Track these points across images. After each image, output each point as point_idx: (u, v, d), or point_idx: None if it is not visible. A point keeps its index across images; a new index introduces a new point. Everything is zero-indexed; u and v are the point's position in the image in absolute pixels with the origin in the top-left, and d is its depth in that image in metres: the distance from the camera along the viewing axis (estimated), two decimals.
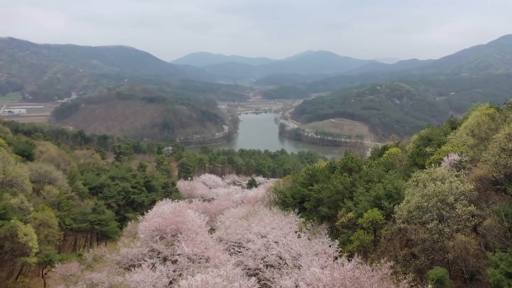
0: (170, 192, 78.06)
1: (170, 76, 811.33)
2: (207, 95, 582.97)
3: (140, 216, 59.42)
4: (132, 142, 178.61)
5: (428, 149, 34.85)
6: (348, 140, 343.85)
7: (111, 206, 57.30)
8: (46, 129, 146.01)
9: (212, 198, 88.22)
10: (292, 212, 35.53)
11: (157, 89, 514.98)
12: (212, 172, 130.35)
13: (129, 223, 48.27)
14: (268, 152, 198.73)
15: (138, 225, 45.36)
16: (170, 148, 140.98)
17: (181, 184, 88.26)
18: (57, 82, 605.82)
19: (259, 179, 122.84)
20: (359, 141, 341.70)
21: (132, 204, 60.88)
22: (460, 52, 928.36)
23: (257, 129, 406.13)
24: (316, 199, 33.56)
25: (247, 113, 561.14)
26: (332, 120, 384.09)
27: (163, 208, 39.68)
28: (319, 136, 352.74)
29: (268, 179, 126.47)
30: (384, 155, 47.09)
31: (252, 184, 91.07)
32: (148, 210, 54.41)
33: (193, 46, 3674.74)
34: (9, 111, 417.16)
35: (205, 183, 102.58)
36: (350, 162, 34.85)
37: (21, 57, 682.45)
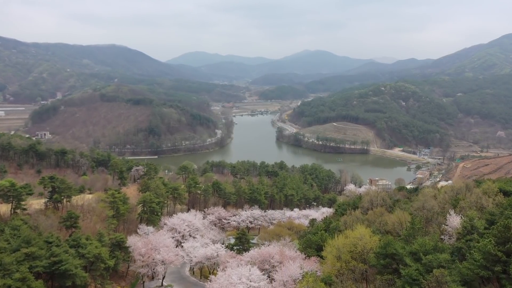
0: (106, 268, 47.92)
1: (164, 76, 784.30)
2: (200, 96, 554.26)
3: None
4: (101, 157, 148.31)
5: None
6: (353, 147, 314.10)
7: None
8: None
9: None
10: None
11: (147, 90, 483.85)
12: (192, 201, 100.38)
13: None
14: (265, 166, 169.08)
15: None
16: (140, 168, 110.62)
17: (135, 242, 58.15)
18: (42, 82, 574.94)
19: (254, 213, 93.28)
20: (365, 147, 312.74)
21: None
22: (461, 52, 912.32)
23: (253, 133, 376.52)
24: None
25: (242, 115, 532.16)
26: (335, 124, 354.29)
27: None
28: (320, 142, 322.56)
29: (265, 212, 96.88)
30: None
31: (241, 240, 60.95)
32: None
33: (189, 45, 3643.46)
34: None
35: (176, 229, 72.56)
36: None
37: (6, 56, 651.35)
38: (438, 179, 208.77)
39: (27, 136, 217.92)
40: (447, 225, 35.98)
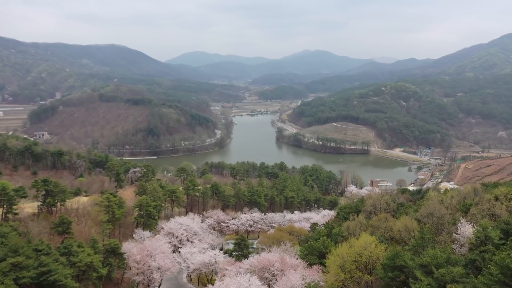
0: (99, 277, 45.88)
1: (163, 76, 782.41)
2: (200, 96, 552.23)
3: None
4: (99, 158, 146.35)
5: None
6: (353, 147, 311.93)
7: None
8: None
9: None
10: None
11: (147, 90, 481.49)
12: (191, 203, 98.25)
13: None
14: (265, 167, 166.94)
15: None
16: (138, 169, 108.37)
17: (130, 248, 56.02)
18: (41, 82, 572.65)
19: (253, 216, 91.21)
20: (366, 147, 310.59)
21: None
22: (461, 51, 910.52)
23: (253, 134, 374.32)
24: None
25: (242, 115, 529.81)
26: (335, 124, 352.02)
27: None
28: (321, 142, 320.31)
29: (265, 215, 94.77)
30: None
31: (240, 246, 58.71)
32: None
33: (189, 45, 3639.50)
34: None
35: (174, 234, 70.52)
36: None
37: (5, 56, 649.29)
38: (440, 180, 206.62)
39: (24, 136, 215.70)
40: (458, 234, 33.88)
